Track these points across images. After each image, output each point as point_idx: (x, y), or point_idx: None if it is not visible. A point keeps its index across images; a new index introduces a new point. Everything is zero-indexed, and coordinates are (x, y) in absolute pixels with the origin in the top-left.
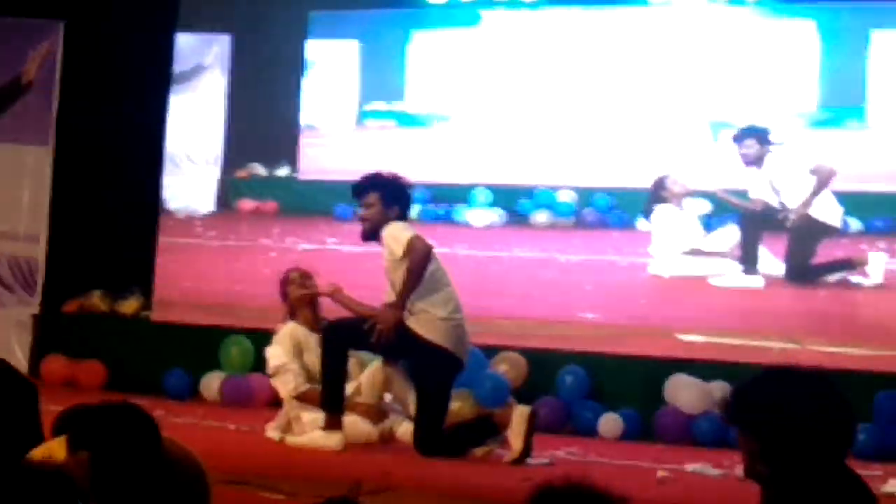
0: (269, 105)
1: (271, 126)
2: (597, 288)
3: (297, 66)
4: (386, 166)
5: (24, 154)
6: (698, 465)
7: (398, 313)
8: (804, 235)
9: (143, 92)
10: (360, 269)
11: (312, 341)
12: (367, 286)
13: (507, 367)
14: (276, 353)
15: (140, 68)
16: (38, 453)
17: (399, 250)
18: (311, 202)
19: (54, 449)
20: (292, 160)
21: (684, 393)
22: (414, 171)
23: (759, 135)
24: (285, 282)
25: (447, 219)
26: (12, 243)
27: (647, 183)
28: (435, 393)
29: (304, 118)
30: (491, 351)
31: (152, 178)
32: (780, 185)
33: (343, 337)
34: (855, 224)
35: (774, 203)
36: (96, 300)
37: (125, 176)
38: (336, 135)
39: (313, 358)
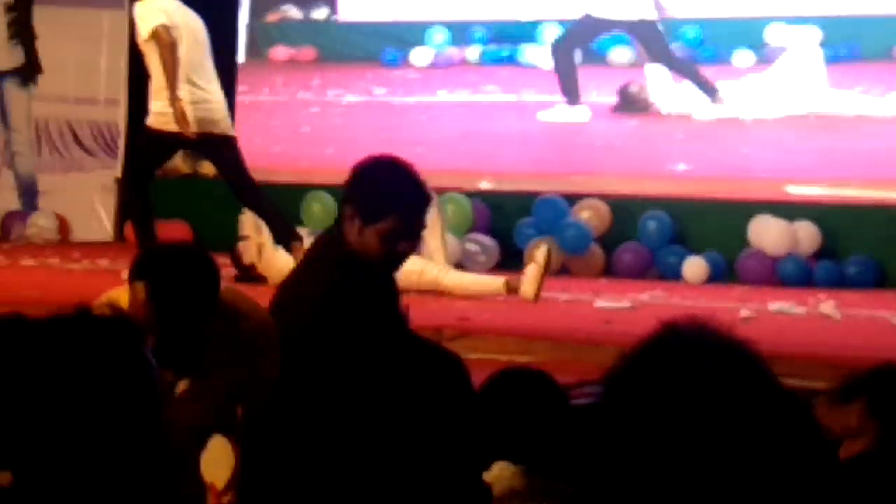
0: None
1: None
2: (688, 137)
3: None
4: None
5: (100, 18)
6: (783, 305)
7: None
8: None
9: None
10: (413, 121)
11: None
12: (420, 141)
13: (589, 215)
14: None
15: None
16: (101, 300)
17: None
18: (353, 48)
19: (118, 296)
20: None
21: (769, 234)
22: (469, 6)
23: None
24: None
25: (511, 61)
26: (92, 108)
27: (740, 12)
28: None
29: None
30: (573, 199)
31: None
32: None
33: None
34: None
35: None
36: (178, 162)
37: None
38: None
39: None
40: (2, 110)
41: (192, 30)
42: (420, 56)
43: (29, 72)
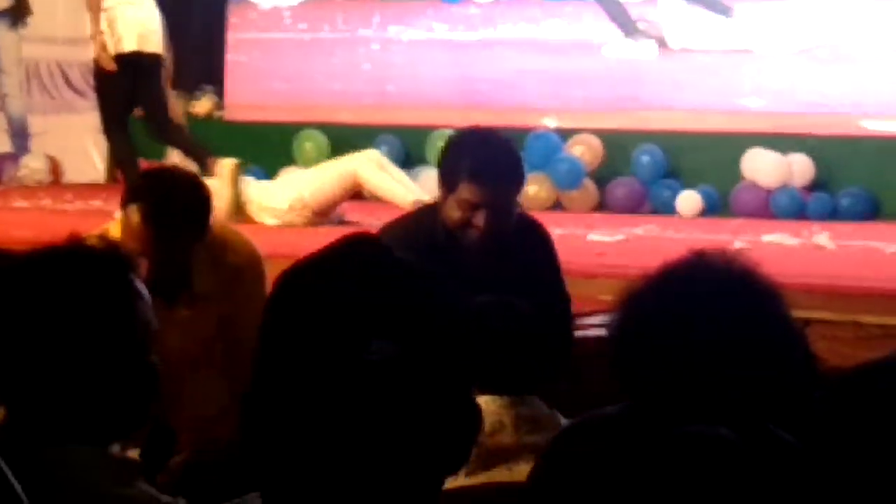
0: None
1: None
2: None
3: None
4: None
5: None
6: (776, 236)
7: None
8: None
9: None
10: (479, 58)
11: None
12: (485, 78)
13: (582, 149)
14: None
15: None
16: (94, 232)
17: None
18: None
19: (110, 228)
20: None
21: (762, 167)
22: None
23: None
24: None
25: None
26: (83, 49)
27: None
28: None
29: None
30: (565, 134)
31: None
32: None
33: None
34: None
35: None
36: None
37: None
38: None
39: None
40: None
41: None
42: None
43: (18, 13)
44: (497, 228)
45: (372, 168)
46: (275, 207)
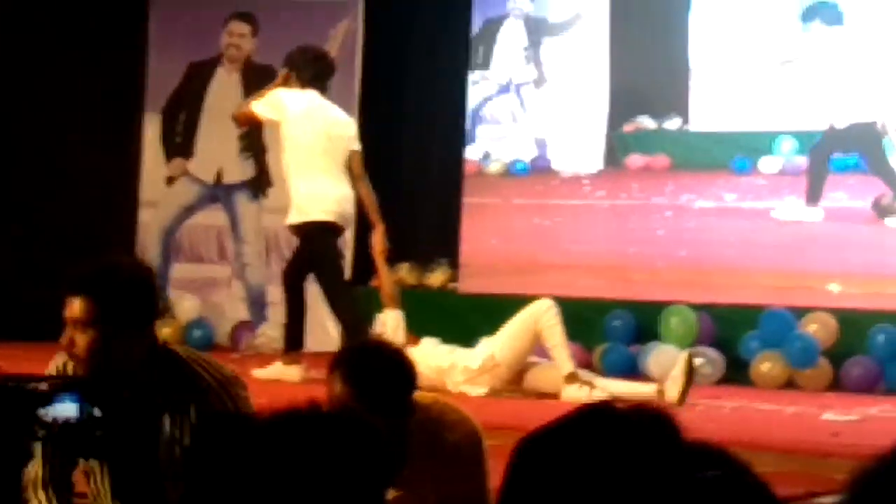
0: (656, 49)
1: (658, 73)
2: None
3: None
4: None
5: None
6: None
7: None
8: None
9: (444, 64)
10: (764, 226)
11: None
12: (772, 244)
13: (816, 327)
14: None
15: (440, 38)
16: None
17: None
18: (704, 155)
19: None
20: (683, 110)
21: None
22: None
23: None
24: None
25: (857, 168)
26: None
27: None
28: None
29: (695, 60)
30: (800, 311)
31: (455, 150)
32: None
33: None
34: None
35: None
36: (404, 273)
37: (428, 151)
38: (733, 77)
39: None
40: (233, 222)
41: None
42: (768, 164)
43: (259, 184)
44: None
45: (552, 314)
46: (469, 367)
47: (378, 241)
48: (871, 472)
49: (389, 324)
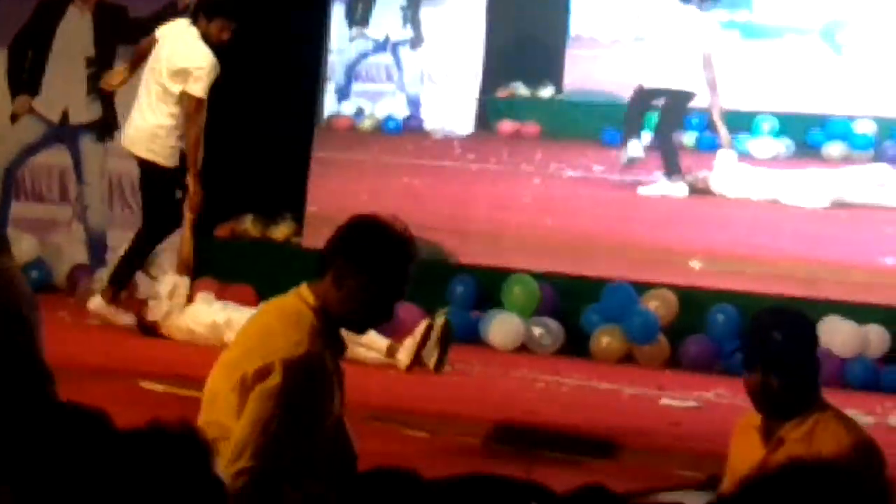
0: (533, 15)
1: (534, 40)
2: None
3: None
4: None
5: None
6: (851, 412)
7: None
8: None
9: (299, 10)
10: (630, 202)
11: None
12: (638, 218)
13: (657, 304)
14: None
15: None
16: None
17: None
18: (575, 125)
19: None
20: (557, 79)
21: (838, 336)
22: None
23: None
24: None
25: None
26: None
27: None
28: None
29: (576, 28)
30: (641, 287)
31: (309, 95)
32: None
33: None
34: None
35: None
36: (248, 225)
37: (282, 95)
38: (613, 46)
39: None
40: (77, 164)
41: None
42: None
43: (105, 127)
44: None
45: None
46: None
47: (193, 200)
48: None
49: (165, 288)
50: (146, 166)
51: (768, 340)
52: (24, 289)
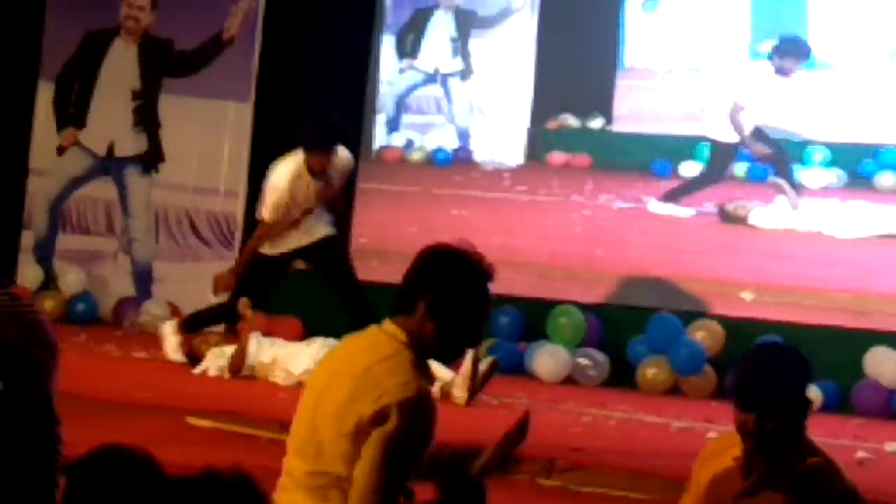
0: (583, 47)
1: (584, 71)
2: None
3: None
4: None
5: (224, 109)
6: None
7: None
8: None
9: (346, 43)
10: (680, 231)
11: None
12: (688, 250)
13: (703, 335)
14: None
15: (344, 19)
16: None
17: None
18: (626, 157)
19: None
20: (607, 111)
21: (886, 366)
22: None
23: None
24: None
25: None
26: (212, 198)
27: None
28: None
29: (630, 59)
30: (687, 317)
31: (356, 127)
32: None
33: None
34: None
35: None
36: None
37: None
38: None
39: None
40: (122, 196)
41: None
42: (689, 169)
43: (151, 159)
44: None
45: None
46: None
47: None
48: None
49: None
50: None
51: (769, 383)
52: (35, 325)
